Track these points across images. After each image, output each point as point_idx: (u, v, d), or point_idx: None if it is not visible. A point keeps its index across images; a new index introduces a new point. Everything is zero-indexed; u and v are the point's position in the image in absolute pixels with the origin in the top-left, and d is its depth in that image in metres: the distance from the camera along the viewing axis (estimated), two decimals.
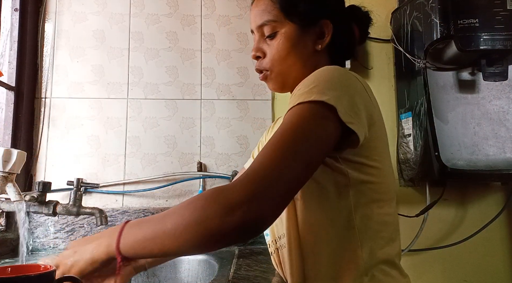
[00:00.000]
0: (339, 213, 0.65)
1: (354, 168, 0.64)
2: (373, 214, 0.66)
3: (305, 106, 0.56)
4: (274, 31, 0.73)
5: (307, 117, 0.55)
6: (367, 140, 0.62)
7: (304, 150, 0.52)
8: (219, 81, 1.47)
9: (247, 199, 0.48)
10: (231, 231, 0.48)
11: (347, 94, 0.58)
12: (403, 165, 1.37)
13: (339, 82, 0.60)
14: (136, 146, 1.42)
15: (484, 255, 1.40)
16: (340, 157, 0.63)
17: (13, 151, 1.01)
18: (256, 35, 0.77)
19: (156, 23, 1.49)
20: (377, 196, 0.66)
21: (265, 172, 0.50)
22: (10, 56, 1.35)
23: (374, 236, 0.65)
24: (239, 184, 0.50)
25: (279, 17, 0.73)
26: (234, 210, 0.47)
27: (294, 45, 0.73)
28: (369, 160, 0.64)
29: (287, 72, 0.75)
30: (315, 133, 0.54)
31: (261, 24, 0.74)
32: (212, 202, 0.49)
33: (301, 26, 0.73)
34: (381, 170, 0.66)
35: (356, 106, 0.59)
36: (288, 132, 0.54)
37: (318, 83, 0.58)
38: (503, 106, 1.36)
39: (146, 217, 0.55)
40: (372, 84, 1.47)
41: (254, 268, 0.96)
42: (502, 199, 1.43)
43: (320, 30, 0.74)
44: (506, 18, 1.14)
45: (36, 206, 1.06)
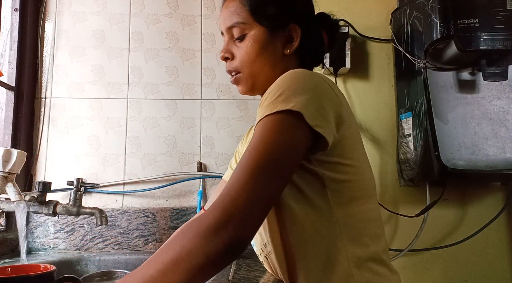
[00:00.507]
0: (320, 214, 0.64)
1: (329, 168, 0.64)
2: (355, 212, 0.66)
3: (272, 118, 0.57)
4: (243, 33, 0.74)
5: (275, 130, 0.56)
6: (339, 140, 0.63)
7: (275, 166, 0.53)
8: (219, 81, 1.47)
9: (224, 224, 0.49)
10: (215, 258, 0.48)
11: (313, 97, 0.59)
12: (403, 165, 1.37)
13: (303, 86, 0.60)
14: (136, 146, 1.42)
15: (484, 255, 1.40)
16: (313, 158, 0.63)
17: (13, 151, 1.01)
18: (225, 37, 0.78)
19: (156, 23, 1.49)
20: (357, 194, 0.66)
21: (238, 194, 0.51)
22: (10, 56, 1.35)
23: (358, 234, 0.65)
24: (213, 210, 0.50)
25: (248, 20, 0.73)
26: (212, 238, 0.48)
27: (263, 48, 0.73)
28: (343, 158, 0.65)
29: (256, 74, 0.75)
30: (284, 146, 0.55)
31: (230, 26, 0.75)
32: (191, 236, 0.50)
33: (270, 29, 0.73)
34: (357, 167, 0.66)
35: (322, 109, 0.59)
36: (258, 149, 0.54)
37: (282, 91, 0.59)
38: (503, 106, 1.36)
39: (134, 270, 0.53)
40: (372, 84, 1.49)
41: (254, 268, 0.96)
42: (502, 199, 1.43)
43: (289, 34, 0.75)
44: (506, 18, 1.14)
45: (36, 206, 1.06)
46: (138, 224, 1.35)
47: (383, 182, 1.44)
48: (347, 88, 1.48)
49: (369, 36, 1.49)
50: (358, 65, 1.47)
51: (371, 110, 1.47)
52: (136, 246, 1.33)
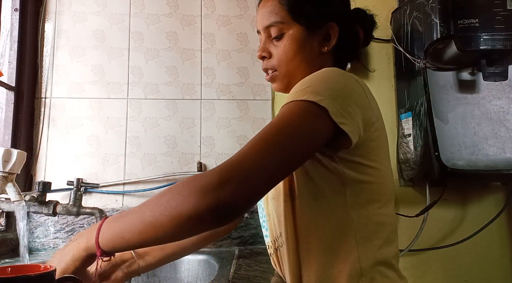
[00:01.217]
0: (336, 212, 0.65)
1: (351, 167, 0.64)
2: (371, 214, 0.66)
3: (296, 103, 0.57)
4: (281, 32, 0.74)
5: (296, 113, 0.56)
6: (364, 141, 0.62)
7: (287, 146, 0.53)
8: (219, 81, 1.47)
9: (220, 183, 0.48)
10: (205, 214, 0.48)
11: (342, 95, 0.59)
12: (403, 165, 1.37)
13: (334, 84, 0.60)
14: (136, 146, 1.42)
15: (484, 255, 1.40)
16: (336, 156, 0.63)
17: (13, 151, 1.01)
18: (262, 36, 0.78)
19: (156, 23, 1.49)
20: (375, 197, 0.66)
21: (244, 160, 0.51)
22: (10, 56, 1.35)
23: (371, 236, 0.65)
24: (215, 169, 0.51)
25: (286, 19, 0.74)
26: (207, 193, 0.48)
27: (300, 47, 0.73)
28: (367, 159, 0.65)
29: (293, 73, 0.76)
30: (302, 129, 0.55)
31: (268, 25, 0.75)
32: (187, 186, 0.50)
33: (307, 28, 0.74)
34: (379, 171, 0.67)
35: (350, 107, 0.59)
36: (276, 126, 0.54)
37: (312, 83, 0.59)
38: (503, 106, 1.36)
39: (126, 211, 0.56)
40: (372, 84, 1.48)
41: (254, 268, 0.96)
42: (502, 199, 1.43)
43: (326, 32, 0.75)
44: (506, 18, 1.14)
45: (36, 206, 1.06)
46: None
47: None
48: None
49: None
50: (358, 65, 1.47)
51: None
52: None
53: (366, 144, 0.63)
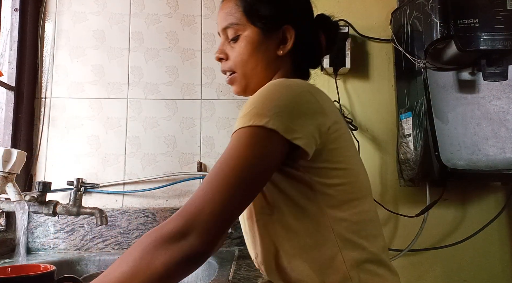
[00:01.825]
0: (313, 220, 0.64)
1: (316, 174, 0.63)
2: (348, 214, 0.65)
3: (244, 131, 0.56)
4: (237, 34, 0.74)
5: (246, 143, 0.55)
6: (324, 146, 0.62)
7: (243, 180, 0.53)
8: (219, 81, 1.47)
9: (185, 232, 0.49)
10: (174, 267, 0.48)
11: (288, 110, 0.58)
12: (403, 165, 1.37)
13: (278, 100, 0.59)
14: (136, 146, 1.42)
15: (484, 255, 1.40)
16: (300, 165, 0.63)
17: (13, 151, 1.01)
18: (221, 38, 0.78)
19: (156, 23, 1.49)
20: (349, 196, 0.65)
21: (201, 205, 0.51)
22: (10, 56, 1.35)
23: (353, 237, 0.64)
24: (176, 218, 0.50)
25: (242, 21, 0.73)
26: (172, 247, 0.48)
27: (255, 48, 0.73)
28: (332, 163, 0.64)
29: (249, 75, 0.75)
30: (255, 158, 0.55)
31: (225, 27, 0.75)
32: (149, 246, 0.49)
33: (263, 30, 0.73)
34: (348, 170, 0.66)
35: (299, 119, 0.58)
36: (227, 161, 0.54)
37: (256, 104, 0.58)
38: (503, 106, 1.36)
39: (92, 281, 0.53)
40: (372, 84, 1.49)
41: (254, 268, 0.96)
42: (502, 199, 1.43)
43: (283, 35, 0.74)
44: (506, 18, 1.14)
45: (36, 206, 1.06)
46: (138, 224, 1.35)
47: (383, 182, 1.44)
48: (347, 88, 1.48)
49: (369, 36, 1.49)
50: (358, 65, 1.47)
51: (371, 110, 1.47)
52: None
53: (327, 148, 0.62)
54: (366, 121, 1.46)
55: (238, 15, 0.74)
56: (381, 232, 0.71)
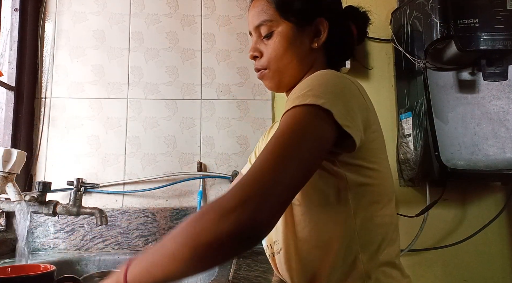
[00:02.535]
0: (339, 217, 0.64)
1: (352, 170, 0.63)
2: (373, 216, 0.65)
3: (300, 109, 0.56)
4: (271, 30, 0.74)
5: (302, 120, 0.55)
6: (364, 143, 0.62)
7: (300, 154, 0.52)
8: (219, 81, 1.47)
9: (241, 204, 0.47)
10: (227, 240, 0.46)
11: (342, 98, 0.58)
12: (403, 165, 1.37)
13: (333, 87, 0.59)
14: (136, 146, 1.42)
15: (484, 255, 1.40)
16: (337, 160, 0.63)
17: (13, 151, 1.01)
18: (254, 36, 0.78)
19: (156, 23, 1.49)
20: (376, 198, 0.66)
21: (260, 176, 0.49)
22: (10, 56, 1.35)
23: (374, 238, 0.65)
24: (233, 190, 0.49)
25: (275, 17, 0.73)
26: (227, 216, 0.46)
27: (290, 43, 0.73)
28: (367, 162, 0.64)
29: (283, 70, 0.75)
30: (311, 136, 0.54)
31: (258, 25, 0.75)
32: (206, 213, 0.48)
33: (297, 24, 0.73)
34: (379, 172, 0.66)
35: (352, 110, 0.58)
36: (284, 136, 0.53)
37: (312, 87, 0.58)
38: (503, 106, 1.36)
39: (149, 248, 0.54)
40: (372, 84, 1.48)
41: (254, 268, 0.96)
42: (502, 199, 1.43)
43: (316, 28, 0.74)
44: (506, 18, 1.14)
45: (36, 206, 1.06)
46: (138, 224, 1.35)
47: None
48: None
49: (369, 36, 1.49)
50: (358, 65, 1.47)
51: None
52: (136, 246, 1.33)
53: (366, 146, 0.63)
54: None
55: (270, 11, 0.74)
56: (398, 238, 0.71)
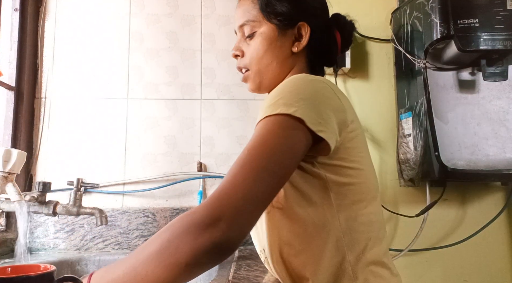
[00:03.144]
0: (323, 218, 0.64)
1: (332, 171, 0.63)
2: (357, 215, 0.65)
3: (271, 119, 0.56)
4: (253, 31, 0.75)
5: (273, 130, 0.55)
6: (342, 143, 0.62)
7: (271, 167, 0.52)
8: (219, 81, 1.47)
9: (212, 221, 0.47)
10: (203, 256, 0.47)
11: (314, 102, 0.59)
12: (403, 165, 1.37)
13: (304, 92, 0.60)
14: (136, 146, 1.42)
15: (484, 255, 1.40)
16: (316, 161, 0.63)
17: (13, 151, 1.01)
18: (238, 35, 0.79)
19: (156, 23, 1.49)
20: (359, 197, 0.66)
21: (230, 192, 0.49)
22: (10, 56, 1.35)
23: (360, 238, 0.65)
24: (206, 205, 0.49)
25: (258, 18, 0.74)
26: (201, 233, 0.46)
27: (270, 45, 0.74)
28: (347, 161, 0.64)
29: (263, 72, 0.75)
30: (282, 147, 0.54)
31: (241, 24, 0.76)
32: (178, 230, 0.48)
33: (279, 27, 0.74)
34: (360, 170, 0.66)
35: (324, 113, 0.58)
36: (255, 148, 0.54)
37: (283, 95, 0.58)
38: (503, 106, 1.36)
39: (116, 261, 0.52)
40: (372, 84, 1.49)
41: (254, 268, 0.96)
42: (502, 199, 1.43)
43: (298, 32, 0.75)
44: (506, 18, 1.14)
45: (36, 206, 1.06)
46: (138, 224, 1.35)
47: (383, 182, 1.44)
48: (347, 88, 1.48)
49: (369, 36, 1.49)
50: (358, 65, 1.47)
51: (371, 110, 1.47)
52: (136, 246, 1.33)
53: (344, 146, 0.63)
54: (366, 121, 1.46)
55: (254, 12, 0.75)
56: (385, 235, 0.71)
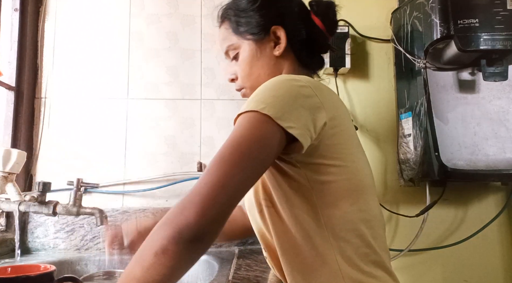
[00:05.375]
0: (307, 217, 0.64)
1: (312, 169, 0.64)
2: (342, 212, 0.64)
3: (243, 116, 0.60)
4: (236, 52, 0.80)
5: (244, 125, 0.58)
6: (321, 141, 0.62)
7: (242, 156, 0.55)
8: (219, 81, 1.47)
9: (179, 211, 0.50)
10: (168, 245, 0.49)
11: (285, 100, 0.60)
12: (403, 165, 1.37)
13: (277, 90, 0.61)
14: (136, 146, 1.42)
15: (484, 255, 1.40)
16: (296, 161, 0.63)
17: (13, 151, 1.01)
18: (228, 60, 0.83)
19: (156, 23, 1.49)
20: (343, 194, 0.65)
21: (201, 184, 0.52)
22: (10, 56, 1.35)
23: (348, 235, 0.64)
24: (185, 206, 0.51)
25: (235, 40, 0.79)
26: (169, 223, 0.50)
27: (253, 59, 0.78)
28: (327, 159, 0.64)
29: (256, 85, 0.75)
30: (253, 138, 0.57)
31: (225, 51, 0.81)
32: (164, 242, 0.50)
33: (254, 40, 0.77)
34: (344, 167, 0.65)
35: (296, 111, 0.59)
36: (228, 143, 0.57)
37: (257, 94, 0.61)
38: (503, 106, 1.36)
39: None
40: (372, 84, 1.49)
41: (254, 268, 0.96)
42: (502, 199, 1.43)
43: (275, 36, 0.77)
44: (506, 18, 1.14)
45: (36, 206, 1.06)
46: None
47: (383, 182, 1.44)
48: (347, 88, 1.48)
49: (369, 36, 1.49)
50: (358, 65, 1.47)
51: (371, 110, 1.47)
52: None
53: (324, 143, 0.63)
54: (366, 121, 1.46)
55: (230, 36, 0.80)
56: (382, 233, 0.70)
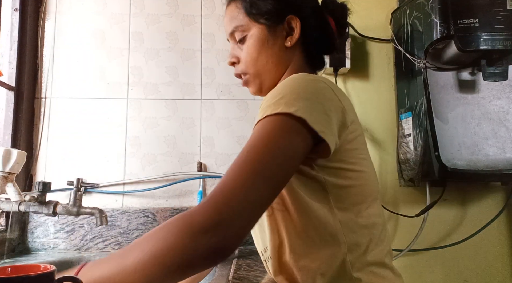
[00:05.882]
0: (322, 221, 0.63)
1: (331, 173, 0.63)
2: (357, 217, 0.64)
3: (272, 119, 0.55)
4: (244, 35, 0.75)
5: (274, 131, 0.54)
6: (341, 145, 0.61)
7: (271, 170, 0.51)
8: (219, 81, 1.47)
9: (215, 225, 0.46)
10: (198, 260, 0.46)
11: (315, 102, 0.57)
12: (403, 165, 1.37)
13: (305, 92, 0.58)
14: (136, 146, 1.42)
15: (484, 255, 1.40)
16: (315, 164, 0.62)
17: (13, 151, 1.01)
18: (231, 43, 0.79)
19: (156, 23, 1.49)
20: (359, 199, 0.65)
21: (228, 195, 0.48)
22: (10, 56, 1.35)
23: (360, 239, 0.64)
24: (203, 208, 0.48)
25: (245, 21, 0.74)
26: (199, 237, 0.46)
27: (263, 45, 0.73)
28: (346, 163, 0.63)
29: (261, 73, 0.75)
30: (282, 147, 0.53)
31: (231, 31, 0.76)
32: (177, 231, 0.47)
33: (267, 26, 0.73)
34: (360, 172, 0.65)
35: (325, 114, 0.57)
36: (255, 149, 0.52)
37: (284, 94, 0.57)
38: (503, 106, 1.36)
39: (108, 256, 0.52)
40: (372, 84, 1.49)
41: (254, 268, 0.96)
42: (502, 199, 1.43)
43: (289, 26, 0.74)
44: (506, 18, 1.14)
45: (36, 206, 1.06)
46: (138, 224, 1.35)
47: (383, 182, 1.44)
48: (347, 88, 1.48)
49: (369, 36, 1.49)
50: (358, 65, 1.47)
51: (371, 110, 1.47)
52: None
53: (344, 148, 0.62)
54: (366, 121, 1.46)
55: (240, 17, 0.74)
56: (386, 237, 0.70)
